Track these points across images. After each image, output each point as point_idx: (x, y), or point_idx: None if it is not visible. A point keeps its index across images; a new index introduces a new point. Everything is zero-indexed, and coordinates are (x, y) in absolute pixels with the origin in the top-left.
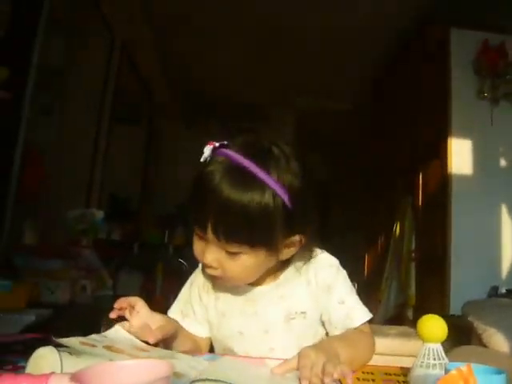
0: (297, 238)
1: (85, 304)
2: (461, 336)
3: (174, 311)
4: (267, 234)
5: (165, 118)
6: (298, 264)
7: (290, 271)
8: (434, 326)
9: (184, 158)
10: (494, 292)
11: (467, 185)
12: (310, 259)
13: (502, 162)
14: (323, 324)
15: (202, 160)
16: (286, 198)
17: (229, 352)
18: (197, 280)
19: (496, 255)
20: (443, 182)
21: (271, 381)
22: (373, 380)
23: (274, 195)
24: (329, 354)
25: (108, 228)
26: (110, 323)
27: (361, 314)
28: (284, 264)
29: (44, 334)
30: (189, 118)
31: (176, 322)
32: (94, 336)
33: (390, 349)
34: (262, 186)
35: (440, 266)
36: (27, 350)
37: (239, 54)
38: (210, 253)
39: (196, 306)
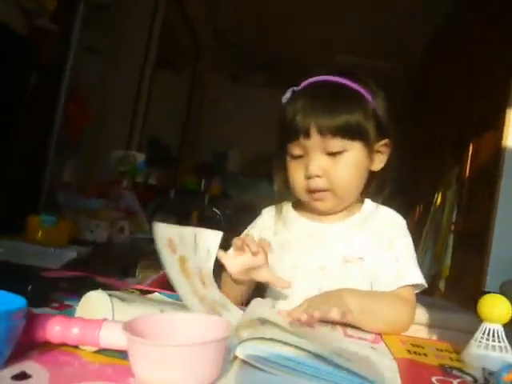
0: (385, 141)
1: (122, 244)
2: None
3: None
4: (363, 126)
5: (210, 68)
6: (367, 211)
7: (357, 218)
8: (497, 305)
9: (226, 108)
10: None
11: None
12: (377, 211)
13: None
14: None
15: (284, 101)
16: (374, 104)
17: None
18: (257, 223)
19: None
20: (496, 155)
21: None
22: (425, 354)
23: (365, 100)
24: (334, 303)
25: (147, 172)
26: (146, 266)
27: (411, 276)
28: (355, 208)
29: (88, 273)
30: (234, 69)
31: None
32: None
33: (417, 318)
34: (355, 92)
35: (481, 240)
36: (73, 288)
37: (290, 4)
38: (313, 161)
39: None
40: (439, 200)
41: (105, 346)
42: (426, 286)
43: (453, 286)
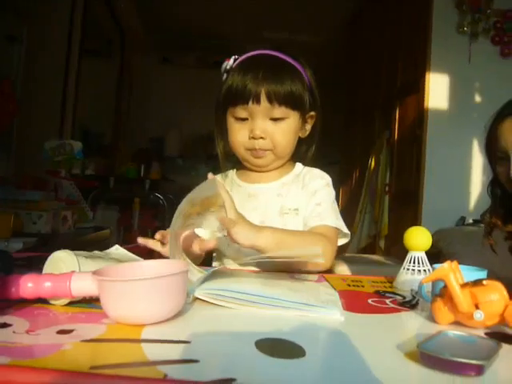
0: (313, 113)
1: (67, 234)
2: (431, 261)
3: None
4: (302, 97)
5: (138, 52)
6: (298, 171)
7: (289, 177)
8: (419, 235)
9: (158, 92)
10: (461, 222)
11: (442, 120)
12: (307, 170)
13: (477, 98)
14: None
15: (222, 70)
16: (307, 80)
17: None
18: None
19: (465, 188)
20: (419, 116)
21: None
22: (362, 286)
23: (302, 75)
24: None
25: (83, 161)
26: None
27: (332, 219)
28: (288, 169)
29: (42, 253)
30: (163, 52)
31: None
32: (97, 252)
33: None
34: (294, 67)
35: (413, 198)
36: (31, 264)
37: None
38: (258, 124)
39: None
40: (373, 164)
41: (76, 295)
42: (349, 233)
43: (392, 243)
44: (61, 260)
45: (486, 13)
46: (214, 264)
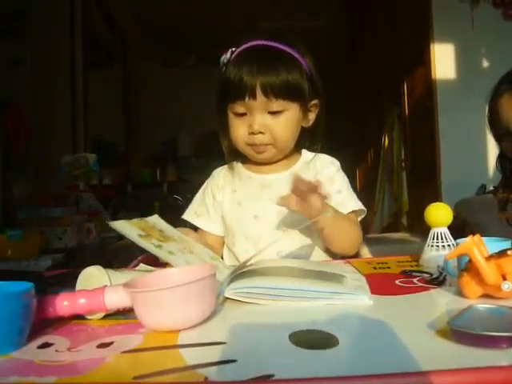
0: (316, 101)
1: (93, 245)
2: (455, 233)
3: (188, 214)
4: (301, 88)
5: (140, 58)
6: (306, 158)
7: (299, 164)
8: (439, 211)
9: (163, 95)
10: (482, 190)
11: (452, 89)
12: (316, 151)
13: (485, 63)
14: None
15: (221, 64)
16: (306, 67)
17: (244, 241)
18: (210, 183)
19: (483, 155)
20: (428, 89)
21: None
22: (388, 267)
23: (300, 63)
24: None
25: (100, 172)
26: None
27: (353, 203)
28: (295, 158)
29: (71, 270)
30: (164, 55)
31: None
32: (136, 220)
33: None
34: (291, 55)
35: (430, 171)
36: (61, 282)
37: None
38: (256, 119)
39: (210, 205)
40: (386, 142)
41: (111, 308)
42: (365, 209)
43: (414, 219)
44: (92, 275)
45: None
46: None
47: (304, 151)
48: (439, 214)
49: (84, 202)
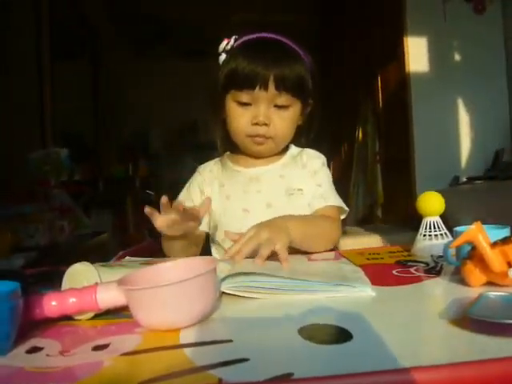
0: (310, 101)
1: (67, 243)
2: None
3: None
4: (306, 86)
5: (110, 48)
6: (293, 152)
7: (286, 158)
8: (432, 200)
9: (135, 86)
10: (455, 182)
11: (426, 82)
12: (302, 147)
13: (457, 56)
14: None
15: (221, 50)
16: (309, 65)
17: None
18: (196, 179)
19: (456, 148)
20: (402, 82)
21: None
22: (381, 258)
23: (305, 61)
24: (276, 229)
25: (69, 170)
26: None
27: (334, 199)
28: (282, 152)
29: (49, 267)
30: (136, 46)
31: None
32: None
33: (367, 245)
34: (298, 53)
35: (404, 164)
36: (42, 281)
37: None
38: (262, 110)
39: (197, 200)
40: (360, 135)
41: (104, 307)
42: (348, 209)
43: (389, 211)
44: (79, 273)
45: None
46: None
47: (291, 145)
48: (431, 203)
49: (55, 199)
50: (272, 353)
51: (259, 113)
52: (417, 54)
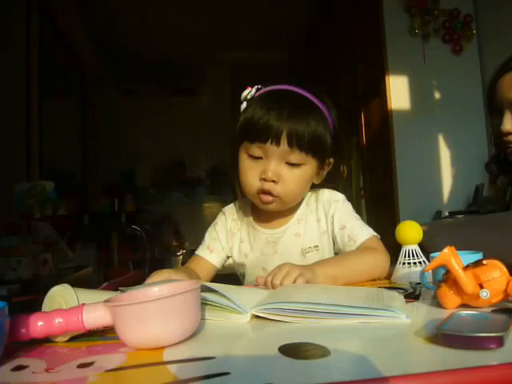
0: (331, 160)
1: (50, 276)
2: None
3: (202, 249)
4: (323, 145)
5: (98, 86)
6: (310, 201)
7: (302, 210)
8: (410, 229)
9: (122, 124)
10: (438, 216)
11: (407, 120)
12: (317, 196)
13: (437, 95)
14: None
15: (242, 99)
16: (331, 123)
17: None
18: (222, 222)
19: (438, 183)
20: (385, 119)
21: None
22: (362, 285)
23: (326, 118)
24: (305, 268)
25: (56, 202)
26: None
27: (362, 233)
28: (297, 205)
29: (34, 296)
30: (124, 84)
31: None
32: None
33: None
34: (319, 108)
35: (388, 199)
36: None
37: (169, 11)
38: (272, 166)
39: (223, 241)
40: (345, 169)
41: (90, 327)
42: (379, 236)
43: None
44: (58, 295)
45: (434, 13)
46: None
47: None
48: (410, 232)
49: (40, 232)
50: (252, 367)
51: (268, 168)
52: (398, 92)
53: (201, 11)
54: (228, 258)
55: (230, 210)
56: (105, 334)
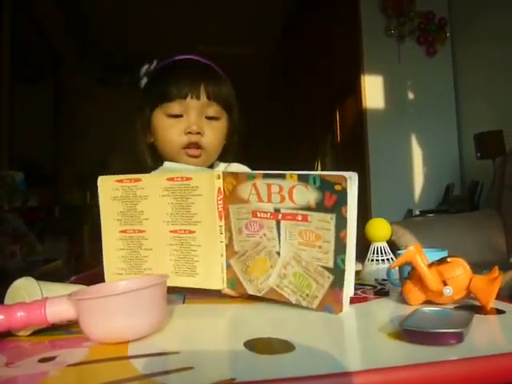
0: (235, 119)
1: (17, 269)
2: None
3: None
4: (232, 104)
5: (72, 75)
6: (222, 167)
7: None
8: (379, 227)
9: (96, 114)
10: (409, 214)
11: (381, 119)
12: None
13: (410, 95)
14: None
15: (142, 74)
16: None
17: None
18: None
19: (409, 182)
20: (359, 117)
21: None
22: None
23: (229, 82)
24: None
25: (25, 193)
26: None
27: None
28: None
29: None
30: (99, 73)
31: None
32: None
33: None
34: (223, 75)
35: (361, 197)
36: None
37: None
38: (193, 119)
39: None
40: (319, 167)
41: (53, 321)
42: None
43: None
44: (21, 288)
45: (410, 15)
46: None
47: (217, 162)
48: (379, 229)
49: (8, 224)
50: (216, 362)
51: (192, 121)
52: (373, 91)
53: (180, 2)
54: None
55: None
56: (69, 328)
